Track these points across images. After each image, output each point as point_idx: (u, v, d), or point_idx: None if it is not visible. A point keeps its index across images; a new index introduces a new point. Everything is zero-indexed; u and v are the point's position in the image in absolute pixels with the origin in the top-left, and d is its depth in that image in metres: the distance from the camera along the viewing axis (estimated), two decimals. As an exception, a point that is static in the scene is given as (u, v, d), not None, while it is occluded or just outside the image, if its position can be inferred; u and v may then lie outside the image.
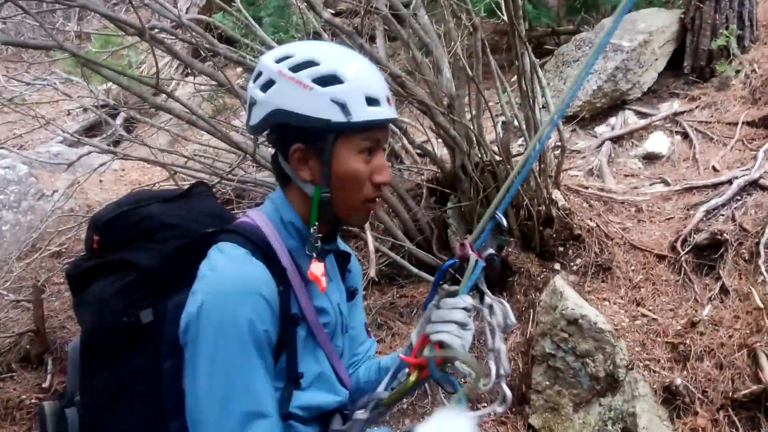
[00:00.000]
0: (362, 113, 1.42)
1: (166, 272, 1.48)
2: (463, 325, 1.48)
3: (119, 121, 8.56)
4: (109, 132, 7.70)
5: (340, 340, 1.64)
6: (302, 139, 1.44)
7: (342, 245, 1.72)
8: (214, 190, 5.53)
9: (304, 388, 1.48)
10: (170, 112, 3.81)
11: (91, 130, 8.96)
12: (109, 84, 8.11)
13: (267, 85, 1.43)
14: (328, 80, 1.40)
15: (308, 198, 1.49)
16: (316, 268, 1.45)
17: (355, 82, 1.42)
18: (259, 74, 1.46)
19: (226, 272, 1.37)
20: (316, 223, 1.48)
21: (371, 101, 1.43)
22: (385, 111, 1.46)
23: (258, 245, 1.42)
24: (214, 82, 4.60)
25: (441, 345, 1.46)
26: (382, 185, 1.52)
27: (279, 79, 1.41)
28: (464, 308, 1.49)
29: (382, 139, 1.52)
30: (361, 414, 1.56)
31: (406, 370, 1.58)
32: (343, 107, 1.40)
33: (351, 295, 1.74)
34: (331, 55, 1.45)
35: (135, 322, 1.45)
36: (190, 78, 6.72)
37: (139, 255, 1.49)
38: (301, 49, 1.46)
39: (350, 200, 1.49)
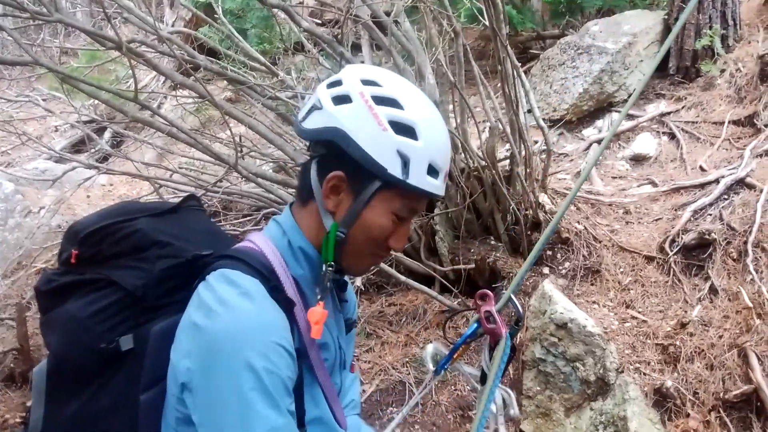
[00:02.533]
0: (419, 179, 1.31)
1: (151, 295, 1.35)
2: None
3: (107, 136, 8.55)
4: (97, 148, 7.67)
5: (338, 377, 1.54)
6: (348, 170, 1.33)
7: None
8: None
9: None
10: (152, 125, 3.77)
11: (80, 146, 8.94)
12: (95, 100, 8.10)
13: (341, 100, 1.32)
14: (404, 130, 1.30)
15: (321, 228, 1.38)
16: (317, 314, 1.32)
17: (427, 144, 1.31)
18: (338, 83, 1.36)
19: (244, 313, 1.23)
20: (332, 262, 1.37)
21: (432, 171, 1.33)
22: (439, 186, 1.37)
23: (263, 275, 1.31)
24: (196, 96, 4.57)
25: None
26: (393, 250, 1.44)
27: (358, 101, 1.31)
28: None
29: (419, 210, 1.45)
30: None
31: None
32: (405, 164, 1.30)
33: (349, 327, 1.64)
34: (416, 104, 1.34)
35: (113, 349, 1.31)
36: (175, 92, 6.71)
37: (124, 273, 1.36)
38: (390, 83, 1.35)
39: (361, 251, 1.39)
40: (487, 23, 4.18)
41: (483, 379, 1.54)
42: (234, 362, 1.19)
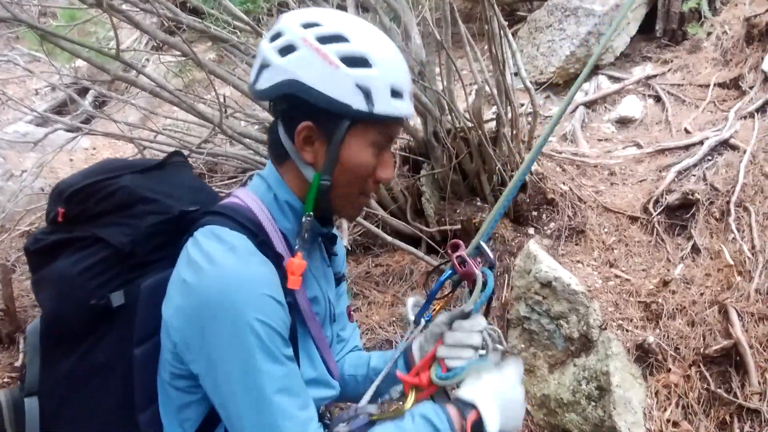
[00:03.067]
0: (385, 106, 1.30)
1: (140, 251, 1.35)
2: (477, 349, 1.43)
3: (89, 99, 8.42)
4: (79, 110, 7.55)
5: (329, 330, 1.55)
6: (314, 118, 1.31)
7: None
8: (185, 164, 5.49)
9: None
10: (135, 84, 3.71)
11: (61, 108, 8.80)
12: (77, 62, 7.95)
13: (287, 50, 1.30)
14: (357, 62, 1.28)
15: (305, 180, 1.38)
16: (295, 265, 1.30)
17: (383, 69, 1.30)
18: (278, 35, 1.33)
19: (230, 269, 1.22)
20: (311, 212, 1.36)
21: (396, 93, 1.31)
22: (407, 106, 1.35)
23: (251, 230, 1.30)
24: (180, 55, 4.50)
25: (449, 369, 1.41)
26: (383, 182, 1.43)
27: (302, 46, 1.28)
28: (480, 331, 1.43)
29: (395, 135, 1.43)
30: (343, 428, 1.44)
31: (399, 387, 1.49)
32: (367, 95, 1.28)
33: (338, 281, 1.66)
34: (361, 33, 1.32)
35: (104, 305, 1.31)
36: (158, 52, 6.60)
37: (111, 231, 1.35)
38: (329, 20, 1.32)
39: (351, 192, 1.39)
40: (474, -18, 4.14)
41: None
42: (226, 318, 1.20)
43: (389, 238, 4.17)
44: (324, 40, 1.29)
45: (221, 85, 4.43)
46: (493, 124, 4.62)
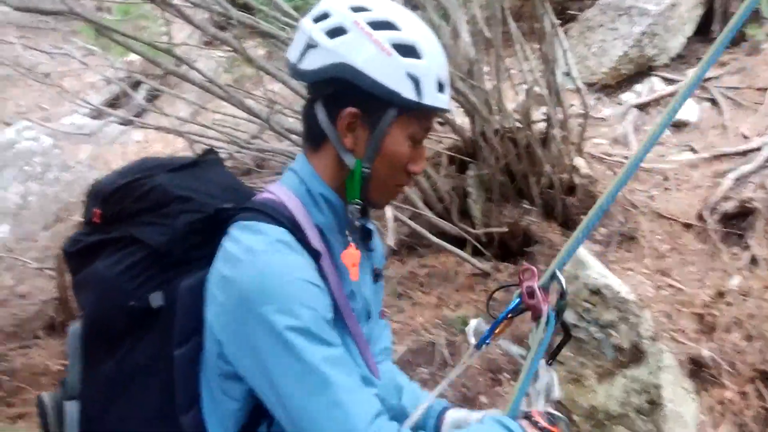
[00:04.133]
0: (432, 97, 1.30)
1: (177, 250, 1.32)
2: None
3: (142, 93, 8.59)
4: (132, 103, 7.71)
5: (365, 326, 1.50)
6: (361, 104, 1.29)
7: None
8: (234, 159, 5.54)
9: None
10: (185, 78, 3.76)
11: (114, 101, 9.00)
12: (132, 55, 8.11)
13: (336, 32, 1.27)
14: (408, 51, 1.27)
15: (342, 168, 1.35)
16: (352, 256, 1.31)
17: (432, 61, 1.30)
18: (325, 16, 1.30)
19: (269, 257, 1.22)
20: (358, 201, 1.34)
21: (441, 86, 1.32)
22: (447, 98, 1.35)
23: (286, 225, 1.28)
24: (230, 50, 4.54)
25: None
26: (415, 174, 1.41)
27: (354, 30, 1.26)
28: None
29: (431, 128, 1.42)
30: None
31: None
32: (417, 84, 1.27)
33: (376, 277, 1.60)
34: (409, 22, 1.31)
35: (143, 306, 1.30)
36: (209, 47, 6.69)
37: (148, 231, 1.34)
38: (377, 5, 1.30)
39: (387, 182, 1.37)
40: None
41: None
42: (270, 308, 1.18)
43: (434, 239, 4.13)
44: (375, 25, 1.27)
45: (270, 81, 4.44)
46: (542, 125, 4.54)
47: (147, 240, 1.33)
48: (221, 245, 1.28)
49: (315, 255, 1.29)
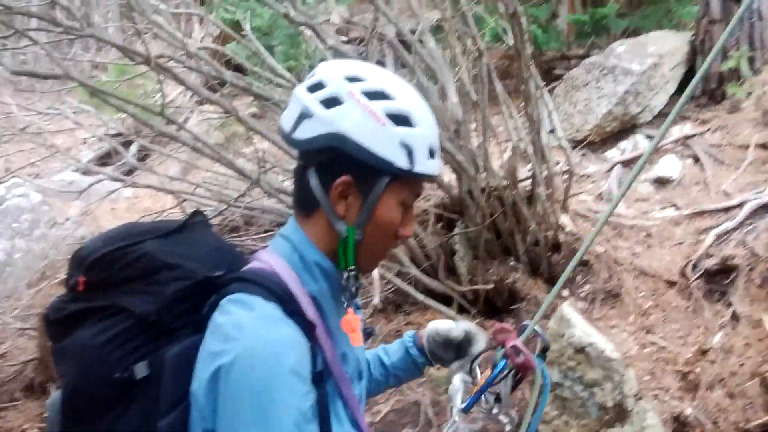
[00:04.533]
0: (423, 165, 1.31)
1: (163, 320, 1.30)
2: None
3: (133, 150, 8.69)
4: (123, 161, 7.79)
5: (357, 387, 1.50)
6: (354, 172, 1.30)
7: None
8: (222, 216, 5.59)
9: None
10: (177, 139, 3.85)
11: (106, 159, 9.09)
12: (124, 114, 8.25)
13: (331, 102, 1.28)
14: (401, 120, 1.29)
15: (333, 235, 1.35)
16: (351, 322, 1.32)
17: (424, 129, 1.32)
18: (320, 86, 1.31)
19: (259, 337, 1.21)
20: (353, 267, 1.36)
21: (432, 153, 1.34)
22: (438, 165, 1.37)
23: (281, 297, 1.27)
24: (222, 111, 4.64)
25: None
26: (404, 238, 1.42)
27: (349, 100, 1.28)
28: None
29: (421, 193, 1.45)
30: None
31: None
32: (409, 153, 1.29)
33: (367, 336, 1.61)
34: (402, 91, 1.33)
35: (128, 377, 1.27)
36: (202, 107, 6.81)
37: (134, 299, 1.30)
38: (371, 75, 1.32)
39: (377, 248, 1.39)
40: (511, 43, 4.20)
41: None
42: (253, 391, 1.18)
43: (421, 297, 4.16)
44: (370, 95, 1.28)
45: (260, 138, 4.53)
46: (528, 182, 4.62)
47: (134, 309, 1.30)
48: (212, 318, 1.27)
49: (309, 327, 1.29)
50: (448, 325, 1.68)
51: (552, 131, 4.91)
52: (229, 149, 5.33)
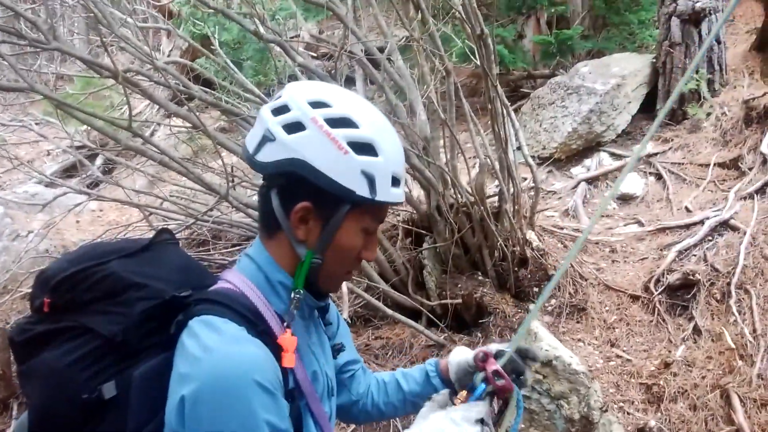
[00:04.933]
0: (385, 193, 1.33)
1: (130, 340, 1.29)
2: None
3: (98, 162, 8.58)
4: (88, 173, 7.68)
5: (327, 404, 1.51)
6: (314, 198, 1.31)
7: None
8: (190, 231, 5.54)
9: None
10: (144, 154, 3.80)
11: (71, 171, 8.95)
12: (88, 127, 8.14)
13: (294, 128, 1.29)
14: (364, 149, 1.30)
15: (295, 255, 1.37)
16: (288, 341, 1.30)
17: (387, 159, 1.33)
18: (285, 109, 1.32)
19: (225, 356, 1.21)
20: (301, 289, 1.36)
21: (395, 181, 1.35)
22: (401, 192, 1.39)
23: (249, 319, 1.28)
24: (190, 125, 4.62)
25: None
26: (366, 260, 1.45)
27: (312, 127, 1.28)
28: None
29: (384, 218, 1.45)
30: None
31: None
32: (371, 182, 1.30)
33: (336, 352, 1.62)
34: (368, 118, 1.33)
35: (96, 398, 1.25)
36: (170, 120, 6.76)
37: (100, 320, 1.29)
38: (337, 101, 1.32)
39: (337, 271, 1.41)
40: (478, 63, 4.27)
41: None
42: (220, 413, 1.18)
43: (389, 311, 4.16)
44: (333, 123, 1.29)
45: (229, 153, 4.51)
46: (495, 199, 4.68)
47: (100, 330, 1.29)
48: (180, 340, 1.27)
49: (277, 348, 1.29)
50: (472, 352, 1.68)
51: (518, 148, 4.99)
52: (196, 163, 5.29)
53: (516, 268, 4.44)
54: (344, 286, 3.88)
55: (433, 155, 4.35)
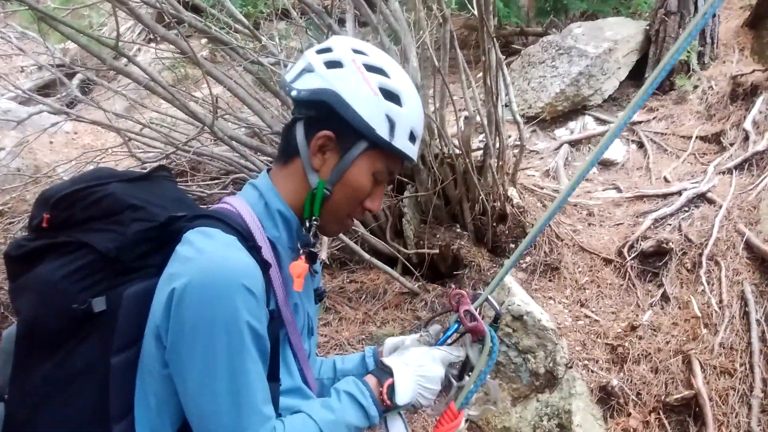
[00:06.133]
0: (403, 143, 1.42)
1: (125, 257, 1.32)
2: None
3: (75, 82, 8.33)
4: (64, 93, 7.46)
5: (306, 343, 1.55)
6: (337, 130, 1.39)
7: None
8: (168, 160, 5.45)
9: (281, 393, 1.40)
10: (129, 76, 3.70)
11: (45, 89, 8.68)
12: (67, 44, 7.86)
13: (334, 65, 1.40)
14: (392, 96, 1.40)
15: (304, 188, 1.44)
16: (299, 267, 1.38)
17: (410, 112, 1.42)
18: (328, 50, 1.43)
19: (217, 256, 1.25)
20: (316, 218, 1.43)
21: (412, 137, 1.44)
22: (416, 151, 1.47)
23: (240, 233, 1.32)
24: (176, 51, 4.49)
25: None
26: (370, 211, 1.50)
27: (350, 66, 1.39)
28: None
29: (396, 173, 1.51)
30: None
31: None
32: (392, 127, 1.39)
33: (319, 297, 1.68)
34: (399, 75, 1.45)
35: (85, 310, 1.28)
36: (152, 44, 6.56)
37: (97, 236, 1.32)
38: (374, 53, 1.45)
39: (340, 209, 1.45)
40: (475, 12, 4.20)
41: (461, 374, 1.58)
42: (208, 308, 1.22)
43: (366, 256, 4.18)
44: (369, 68, 1.40)
45: (214, 84, 4.41)
46: (479, 152, 4.68)
47: (96, 245, 1.32)
48: (175, 250, 1.30)
49: (264, 265, 1.32)
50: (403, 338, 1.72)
51: (507, 105, 4.96)
52: (180, 92, 5.16)
53: (495, 224, 4.47)
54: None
55: (422, 103, 4.30)
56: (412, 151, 1.45)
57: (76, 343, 1.31)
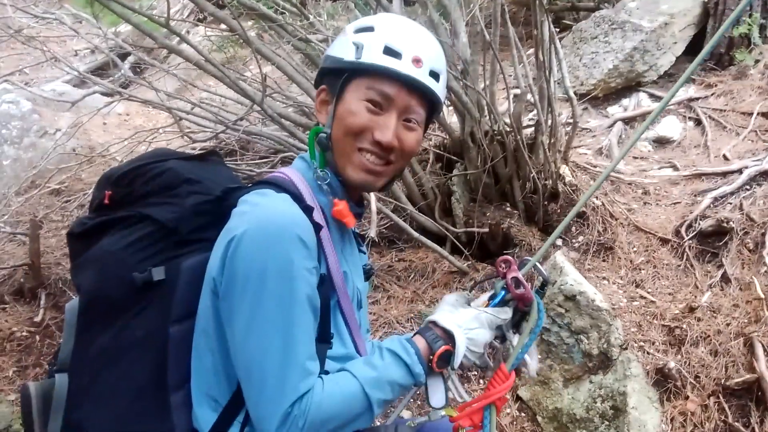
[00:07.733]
0: (373, 58, 1.40)
1: (183, 229, 1.39)
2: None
3: (127, 65, 8.46)
4: (116, 75, 7.61)
5: (356, 314, 1.56)
6: (325, 80, 1.50)
7: None
8: (217, 140, 5.50)
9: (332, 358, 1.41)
10: (180, 54, 3.73)
11: (98, 72, 8.85)
12: (119, 27, 7.98)
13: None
14: (363, 30, 1.45)
15: None
16: (339, 206, 1.44)
17: (382, 31, 1.43)
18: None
19: (273, 207, 1.31)
20: (325, 170, 1.49)
21: (390, 52, 1.41)
22: (403, 66, 1.40)
23: (293, 194, 1.38)
24: (225, 30, 4.50)
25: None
26: (383, 145, 1.42)
27: (340, 35, 1.50)
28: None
29: (395, 97, 1.43)
30: None
31: (441, 413, 1.59)
32: (357, 48, 1.41)
33: (367, 274, 1.71)
34: (391, 24, 1.47)
35: (145, 278, 1.33)
36: (201, 24, 6.61)
37: (157, 209, 1.40)
38: (379, 20, 1.49)
39: (345, 147, 1.44)
40: (527, -15, 4.09)
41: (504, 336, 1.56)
42: (259, 254, 1.25)
43: (415, 234, 4.15)
44: (357, 30, 1.46)
45: (263, 62, 4.41)
46: (531, 130, 4.57)
47: (156, 216, 1.38)
48: (231, 213, 1.35)
49: (316, 226, 1.35)
50: None
51: (559, 81, 4.83)
52: (230, 69, 5.19)
53: (546, 202, 4.38)
54: (373, 204, 3.84)
55: (471, 79, 4.22)
56: (392, 64, 1.40)
57: (136, 311, 1.35)
